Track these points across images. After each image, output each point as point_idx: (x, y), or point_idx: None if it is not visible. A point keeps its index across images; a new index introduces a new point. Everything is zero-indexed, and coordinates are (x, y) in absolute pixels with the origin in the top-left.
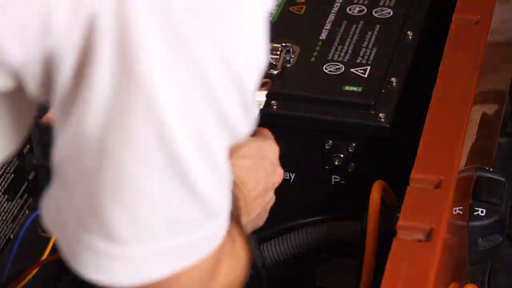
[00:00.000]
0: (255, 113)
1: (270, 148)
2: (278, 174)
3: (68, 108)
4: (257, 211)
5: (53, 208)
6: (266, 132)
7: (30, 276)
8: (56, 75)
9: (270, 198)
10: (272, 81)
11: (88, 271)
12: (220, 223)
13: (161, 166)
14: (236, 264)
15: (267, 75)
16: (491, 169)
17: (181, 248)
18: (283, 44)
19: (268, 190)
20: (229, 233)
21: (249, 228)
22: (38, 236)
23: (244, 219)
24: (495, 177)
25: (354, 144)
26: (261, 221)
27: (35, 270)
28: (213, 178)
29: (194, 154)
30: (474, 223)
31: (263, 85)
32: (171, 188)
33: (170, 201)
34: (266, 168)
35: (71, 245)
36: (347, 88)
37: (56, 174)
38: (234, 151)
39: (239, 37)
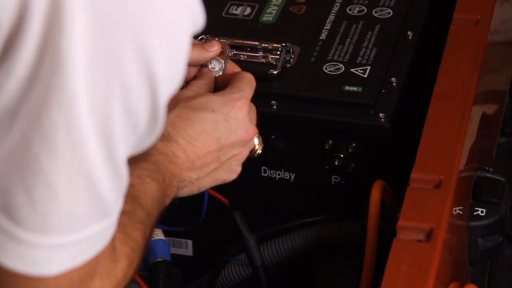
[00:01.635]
0: (160, 130)
1: (236, 105)
2: (244, 132)
3: None
4: (212, 166)
5: None
6: (246, 82)
7: None
8: None
9: (235, 154)
10: (272, 80)
11: None
12: (110, 223)
13: (66, 156)
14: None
15: (267, 75)
16: (491, 169)
17: (75, 246)
18: (283, 44)
19: (226, 148)
20: (110, 250)
21: (209, 183)
22: None
23: (194, 174)
24: (495, 177)
25: (354, 144)
26: (227, 176)
27: None
28: (113, 178)
29: (99, 149)
30: (474, 223)
31: (222, 53)
32: (74, 182)
33: (71, 195)
34: (226, 126)
35: None
36: (347, 88)
37: None
38: (187, 100)
39: (163, 44)
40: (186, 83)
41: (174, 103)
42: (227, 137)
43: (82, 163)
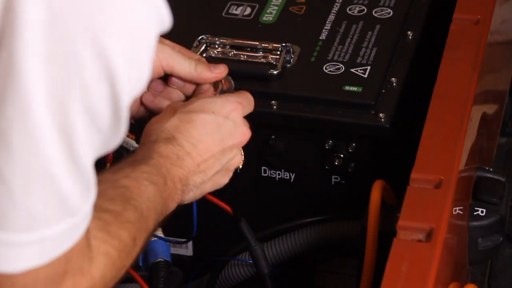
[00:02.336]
0: (124, 131)
1: (233, 107)
2: (241, 134)
3: None
4: (214, 169)
5: None
6: (242, 94)
7: None
8: None
9: (232, 158)
10: (270, 82)
11: None
12: (78, 222)
13: (22, 154)
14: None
15: (267, 75)
16: (491, 169)
17: (39, 244)
18: (283, 44)
19: (227, 150)
20: (84, 248)
21: (210, 187)
22: None
23: (199, 178)
24: (495, 177)
25: (354, 144)
26: (223, 180)
27: None
28: (76, 176)
29: (59, 147)
30: (474, 223)
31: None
32: (32, 181)
33: (29, 193)
34: (227, 127)
35: None
36: (347, 88)
37: None
38: (185, 106)
39: (123, 42)
40: (186, 98)
41: (172, 112)
42: (227, 139)
43: (40, 162)
